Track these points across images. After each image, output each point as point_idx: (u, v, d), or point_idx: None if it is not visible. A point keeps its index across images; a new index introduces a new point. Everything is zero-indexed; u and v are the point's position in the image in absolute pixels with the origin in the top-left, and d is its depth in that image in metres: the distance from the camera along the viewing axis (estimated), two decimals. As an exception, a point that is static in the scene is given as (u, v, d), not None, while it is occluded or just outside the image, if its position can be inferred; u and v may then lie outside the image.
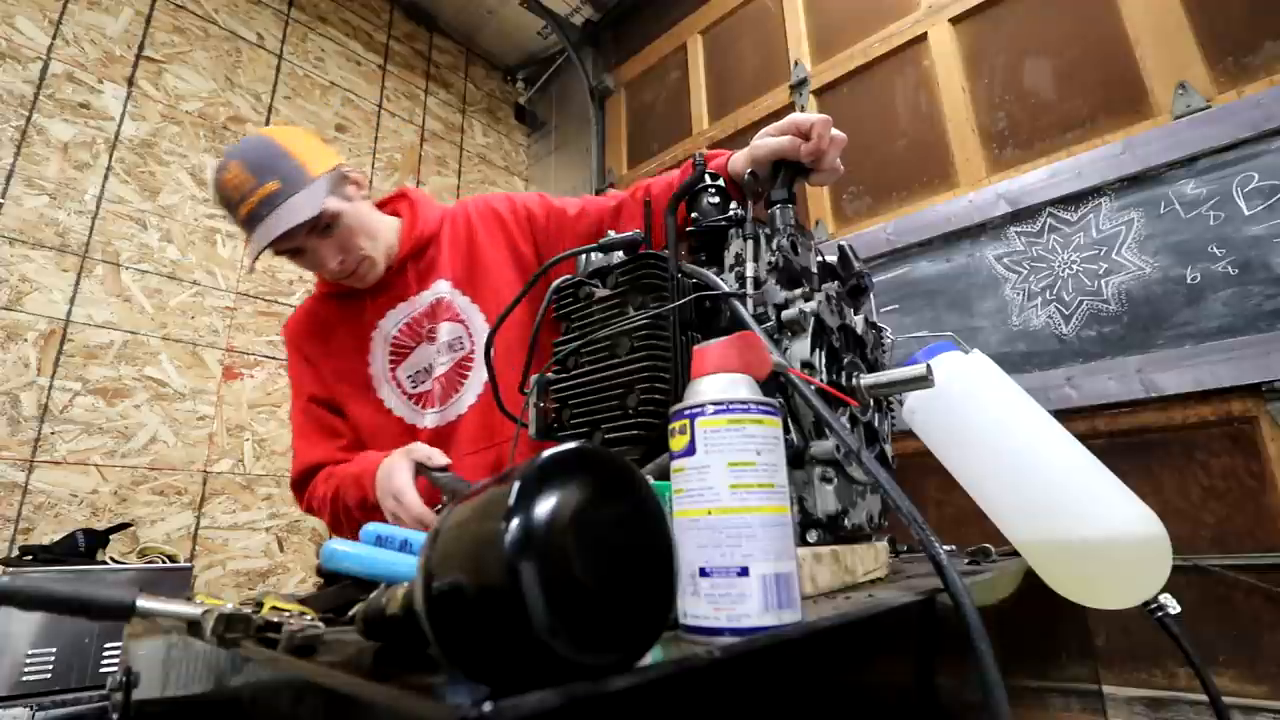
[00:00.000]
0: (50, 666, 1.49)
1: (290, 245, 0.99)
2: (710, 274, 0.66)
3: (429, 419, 1.07)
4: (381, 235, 1.10)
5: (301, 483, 1.09)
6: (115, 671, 0.57)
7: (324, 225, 0.99)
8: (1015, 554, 0.74)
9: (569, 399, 0.70)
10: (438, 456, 0.88)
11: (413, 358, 1.10)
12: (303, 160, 0.97)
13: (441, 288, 1.10)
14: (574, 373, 0.70)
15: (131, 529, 2.12)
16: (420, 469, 0.88)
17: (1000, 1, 2.16)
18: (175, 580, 1.85)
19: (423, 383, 1.09)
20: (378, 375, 1.10)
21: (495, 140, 3.86)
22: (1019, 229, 1.98)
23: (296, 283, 2.74)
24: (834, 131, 0.84)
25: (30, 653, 1.48)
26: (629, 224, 1.05)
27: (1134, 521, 0.61)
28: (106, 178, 2.33)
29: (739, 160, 0.91)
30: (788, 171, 0.83)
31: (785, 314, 0.63)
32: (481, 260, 1.12)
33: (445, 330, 1.08)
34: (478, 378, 1.07)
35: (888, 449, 0.74)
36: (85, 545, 1.82)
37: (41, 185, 2.18)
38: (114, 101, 2.40)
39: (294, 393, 1.15)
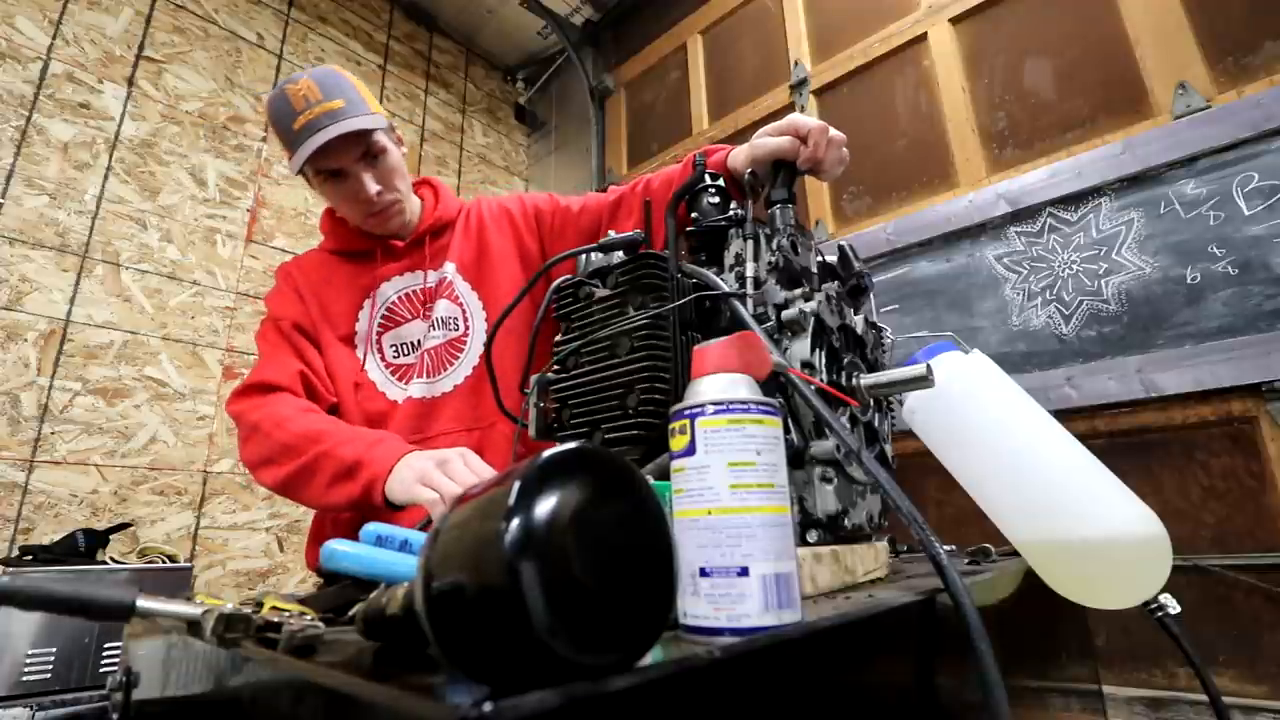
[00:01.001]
0: (50, 666, 1.49)
1: (336, 164, 1.01)
2: (710, 274, 0.66)
3: (414, 389, 1.07)
4: (413, 198, 1.15)
5: (253, 391, 1.01)
6: (115, 671, 0.57)
7: (373, 154, 1.03)
8: (1015, 554, 0.74)
9: (569, 399, 0.70)
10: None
11: (403, 329, 1.11)
12: (365, 97, 1.04)
13: (448, 269, 1.13)
14: (574, 373, 0.70)
15: (131, 529, 2.12)
16: None
17: (1000, 1, 2.16)
18: (175, 580, 1.86)
19: (405, 355, 1.10)
20: (362, 333, 1.10)
21: (495, 140, 3.86)
22: (1019, 229, 1.98)
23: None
24: (832, 132, 0.85)
25: (30, 653, 1.48)
26: (626, 218, 1.07)
27: (1134, 521, 0.61)
28: (106, 178, 2.33)
29: (739, 157, 0.91)
30: (787, 172, 0.83)
31: (785, 314, 0.63)
32: (489, 252, 1.15)
33: (441, 307, 1.10)
34: (469, 360, 1.08)
35: (888, 449, 0.74)
36: (85, 545, 1.82)
37: (41, 185, 2.18)
38: (114, 101, 2.40)
39: (273, 317, 1.10)
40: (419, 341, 1.10)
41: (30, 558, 1.75)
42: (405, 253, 1.14)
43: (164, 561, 1.99)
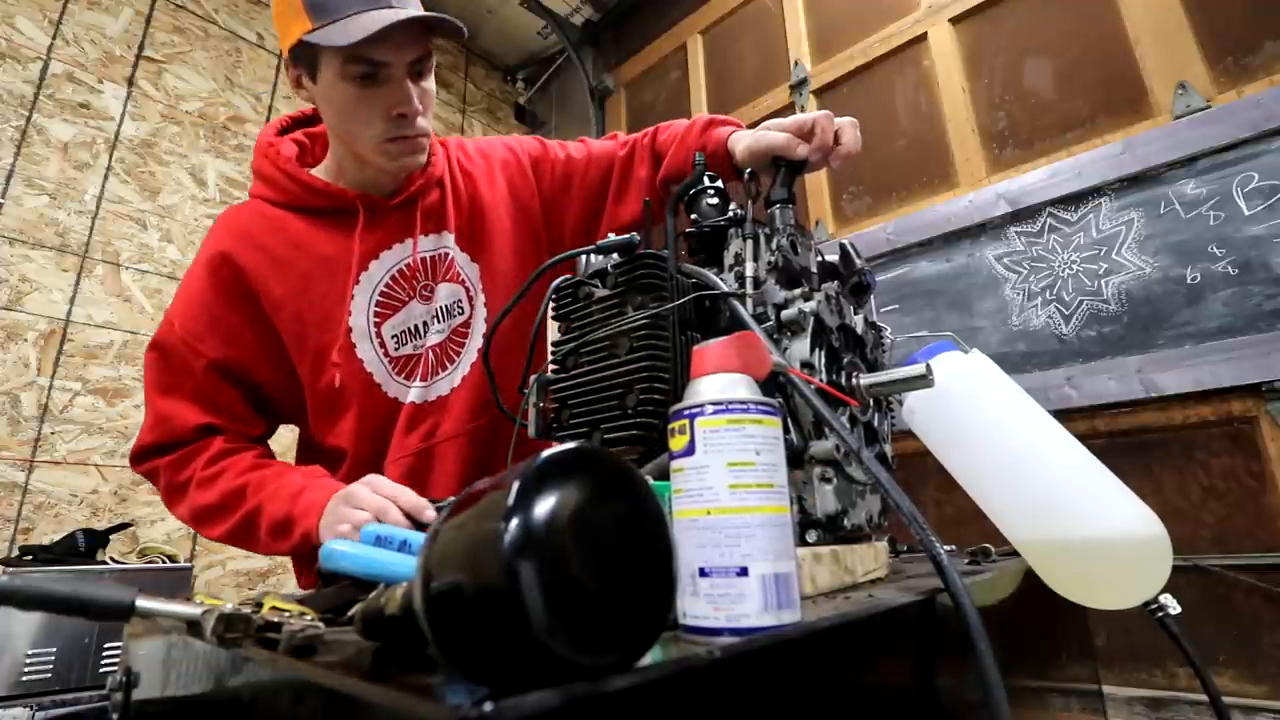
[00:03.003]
0: (50, 666, 1.49)
1: (388, 56, 0.81)
2: (709, 274, 0.66)
3: (414, 393, 0.94)
4: None
5: (153, 454, 0.88)
6: (115, 671, 0.56)
7: (421, 70, 0.85)
8: (1015, 554, 0.74)
9: (568, 399, 0.70)
10: (428, 510, 0.72)
11: (399, 315, 0.95)
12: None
13: (447, 241, 0.98)
14: (573, 373, 0.70)
15: (131, 529, 2.12)
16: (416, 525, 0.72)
17: (1000, 1, 2.16)
18: (175, 580, 1.86)
19: (406, 344, 0.95)
20: (359, 328, 0.92)
21: (495, 140, 3.86)
22: (1019, 229, 1.98)
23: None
24: (839, 121, 0.85)
25: (30, 653, 1.48)
26: (638, 168, 1.03)
27: (1134, 521, 0.61)
28: (106, 178, 2.33)
29: (740, 143, 0.91)
30: (788, 171, 0.83)
31: (785, 314, 0.63)
32: (483, 213, 1.01)
33: (444, 292, 0.97)
34: (474, 345, 0.98)
35: (888, 449, 0.73)
36: (85, 545, 1.82)
37: (41, 185, 2.18)
38: (114, 101, 2.40)
39: (183, 340, 0.88)
40: (419, 328, 0.96)
41: (30, 558, 1.75)
42: (392, 215, 0.94)
43: (164, 561, 1.99)
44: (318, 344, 0.91)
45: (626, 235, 0.70)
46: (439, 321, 0.97)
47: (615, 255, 0.71)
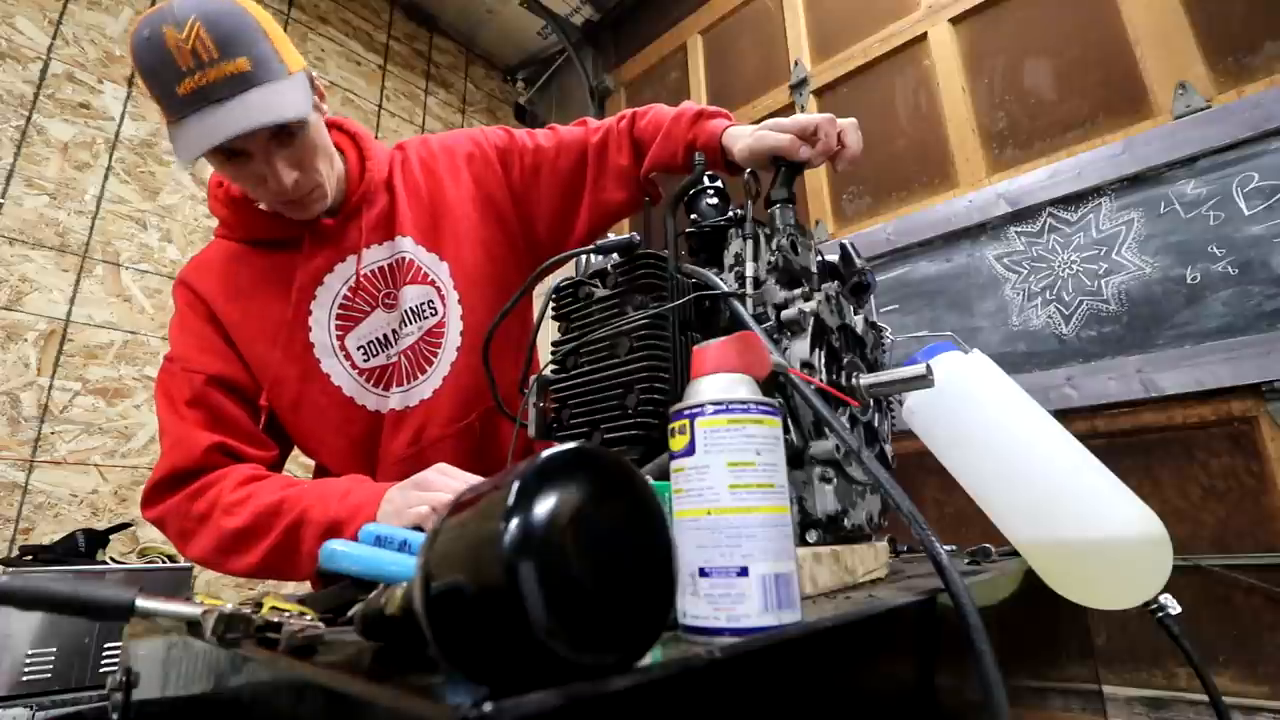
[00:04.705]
0: (50, 666, 1.49)
1: (239, 145, 0.77)
2: (709, 274, 0.66)
3: (394, 399, 0.93)
4: (336, 166, 0.92)
5: (167, 488, 0.84)
6: (115, 671, 0.57)
7: (289, 132, 0.80)
8: (1015, 554, 0.74)
9: (568, 399, 0.70)
10: None
11: (364, 325, 0.93)
12: (279, 47, 0.78)
13: (404, 245, 0.95)
14: (573, 373, 0.70)
15: (131, 529, 2.12)
16: None
17: (1000, 1, 2.16)
18: (175, 580, 1.85)
19: (376, 355, 0.94)
20: (322, 344, 0.92)
21: (495, 140, 3.86)
22: (1019, 229, 1.98)
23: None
24: (841, 123, 0.84)
25: (30, 653, 1.48)
26: (616, 156, 1.00)
27: (1134, 521, 0.61)
28: (106, 178, 2.33)
29: (738, 143, 0.89)
30: (788, 171, 0.83)
31: (785, 314, 0.63)
32: (444, 210, 0.99)
33: (411, 294, 0.94)
34: (451, 345, 0.96)
35: (888, 449, 0.74)
36: (85, 545, 1.82)
37: (41, 185, 2.18)
38: (114, 101, 2.40)
39: (182, 367, 0.90)
40: (388, 337, 0.94)
41: (30, 558, 1.75)
42: (339, 230, 0.93)
43: (164, 561, 1.99)
44: (278, 363, 0.91)
45: (626, 235, 0.70)
46: (408, 324, 0.95)
47: (615, 255, 0.71)
